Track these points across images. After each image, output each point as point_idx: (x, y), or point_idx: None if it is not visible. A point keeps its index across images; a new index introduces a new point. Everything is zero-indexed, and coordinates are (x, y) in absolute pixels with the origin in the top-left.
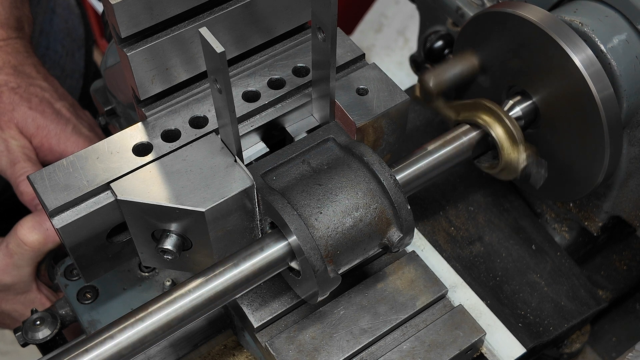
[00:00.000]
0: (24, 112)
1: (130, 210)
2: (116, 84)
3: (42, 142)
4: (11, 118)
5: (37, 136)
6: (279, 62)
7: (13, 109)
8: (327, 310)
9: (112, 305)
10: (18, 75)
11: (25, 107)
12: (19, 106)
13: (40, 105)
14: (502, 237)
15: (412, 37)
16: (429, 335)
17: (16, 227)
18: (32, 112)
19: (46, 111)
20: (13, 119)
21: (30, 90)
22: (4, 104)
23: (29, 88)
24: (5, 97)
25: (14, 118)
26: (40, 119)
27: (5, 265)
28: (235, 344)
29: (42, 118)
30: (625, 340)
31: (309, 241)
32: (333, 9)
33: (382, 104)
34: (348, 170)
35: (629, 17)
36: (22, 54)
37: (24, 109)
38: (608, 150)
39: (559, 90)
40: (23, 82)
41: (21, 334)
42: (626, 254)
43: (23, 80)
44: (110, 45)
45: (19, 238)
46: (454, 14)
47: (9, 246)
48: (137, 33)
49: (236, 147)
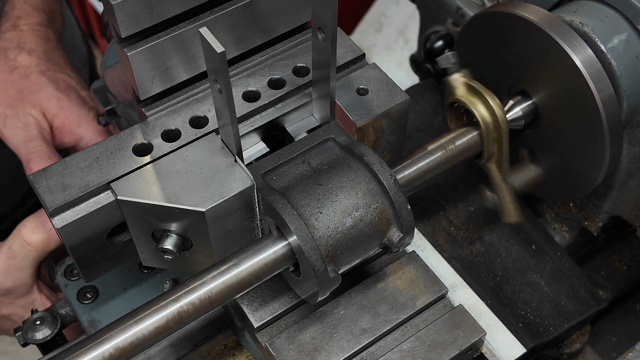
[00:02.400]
0: (50, 92)
1: (130, 210)
2: (116, 84)
3: (64, 123)
4: (37, 97)
5: (59, 117)
6: (279, 62)
7: (40, 89)
8: (327, 310)
9: (112, 305)
10: (48, 61)
11: (52, 88)
12: (46, 87)
13: (67, 89)
14: (502, 237)
15: (412, 37)
16: (429, 335)
17: (19, 228)
18: (57, 93)
19: (71, 95)
20: (38, 98)
21: (58, 75)
22: (31, 83)
23: (56, 74)
24: (34, 77)
25: (40, 97)
26: (65, 101)
27: (7, 267)
28: (236, 344)
29: (67, 100)
30: (625, 340)
31: (309, 241)
32: (333, 9)
33: (382, 104)
34: (348, 170)
35: (629, 17)
36: (52, 43)
37: (50, 89)
38: (608, 150)
39: (559, 90)
40: (52, 67)
41: (21, 334)
42: (626, 254)
43: (52, 66)
44: (110, 45)
45: (23, 239)
46: (454, 14)
47: (12, 247)
48: (137, 33)
49: (236, 147)
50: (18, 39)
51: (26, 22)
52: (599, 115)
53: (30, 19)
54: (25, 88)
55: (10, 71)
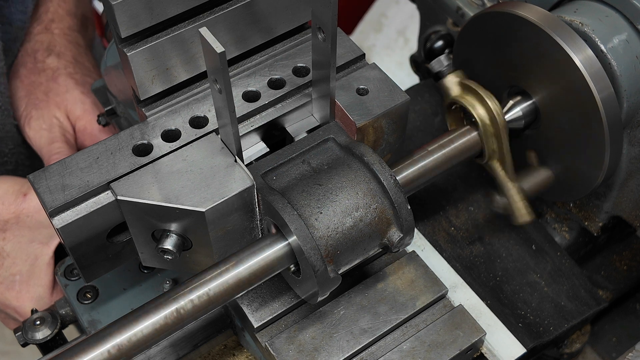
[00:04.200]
0: (76, 95)
1: (130, 210)
2: (116, 84)
3: (86, 126)
4: (63, 100)
5: (83, 119)
6: (279, 62)
7: (66, 91)
8: (327, 310)
9: (112, 305)
10: (76, 65)
11: (78, 91)
12: (72, 89)
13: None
14: (502, 237)
15: (412, 37)
16: (429, 335)
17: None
18: (83, 96)
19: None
20: (64, 100)
21: (85, 79)
22: (58, 85)
23: (84, 77)
24: (62, 79)
25: (65, 100)
26: (89, 104)
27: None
28: (236, 344)
29: (92, 104)
30: (625, 340)
31: (309, 241)
32: (333, 9)
33: (382, 104)
34: (348, 170)
35: (629, 17)
36: (82, 48)
37: (76, 92)
38: (608, 150)
39: (559, 90)
40: (80, 71)
41: (21, 333)
42: (626, 254)
43: (80, 70)
44: (110, 45)
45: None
46: (454, 14)
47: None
48: (137, 33)
49: (236, 147)
50: (49, 42)
51: (58, 26)
52: (599, 115)
53: (63, 23)
54: (52, 90)
55: (38, 73)
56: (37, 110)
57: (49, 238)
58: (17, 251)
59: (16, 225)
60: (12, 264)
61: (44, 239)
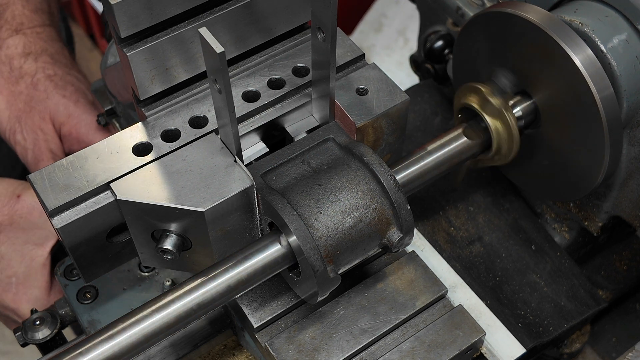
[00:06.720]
0: (57, 100)
1: (130, 210)
2: (116, 84)
3: (71, 131)
4: (45, 107)
5: (67, 124)
6: (279, 62)
7: (47, 97)
8: (327, 310)
9: (112, 305)
10: (55, 64)
11: (59, 95)
12: (53, 94)
13: (75, 94)
14: (502, 237)
15: (412, 37)
16: (429, 335)
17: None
18: (65, 100)
19: (80, 100)
20: (46, 108)
21: (66, 79)
22: (39, 92)
23: (65, 77)
24: (41, 84)
25: (47, 107)
26: (72, 107)
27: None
28: (235, 344)
29: (75, 107)
30: (625, 340)
31: (308, 241)
32: (333, 9)
33: (382, 104)
34: (348, 170)
35: (629, 17)
36: (57, 42)
37: (57, 97)
38: (608, 150)
39: (559, 90)
40: (59, 71)
41: (21, 333)
42: (626, 254)
43: (60, 69)
44: (110, 45)
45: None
46: (454, 14)
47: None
48: (137, 33)
49: (236, 147)
50: (23, 44)
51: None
52: (598, 115)
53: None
54: (34, 97)
55: (17, 81)
56: (20, 123)
57: (44, 239)
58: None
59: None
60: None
61: (39, 240)
